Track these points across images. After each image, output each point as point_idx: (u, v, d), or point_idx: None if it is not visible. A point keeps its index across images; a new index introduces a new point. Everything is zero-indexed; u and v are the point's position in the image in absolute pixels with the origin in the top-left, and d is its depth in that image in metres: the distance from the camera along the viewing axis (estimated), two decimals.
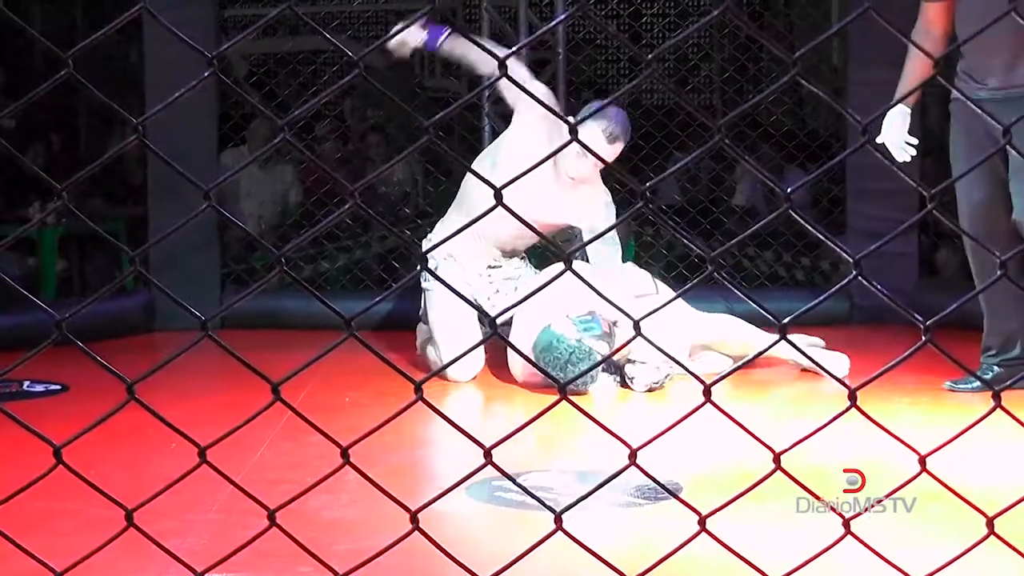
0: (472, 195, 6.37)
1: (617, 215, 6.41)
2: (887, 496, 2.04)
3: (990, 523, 1.89)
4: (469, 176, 6.47)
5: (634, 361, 5.97)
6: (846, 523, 1.89)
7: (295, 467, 4.50)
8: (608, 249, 6.25)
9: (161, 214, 7.66)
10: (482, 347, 6.31)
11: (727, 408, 1.90)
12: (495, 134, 7.99)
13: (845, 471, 5.05)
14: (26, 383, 6.05)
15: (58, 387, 6.04)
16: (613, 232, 6.32)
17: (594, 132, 6.07)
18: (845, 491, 4.72)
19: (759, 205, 9.84)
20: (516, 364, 6.09)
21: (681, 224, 8.14)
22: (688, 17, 10.09)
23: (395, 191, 9.67)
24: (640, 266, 6.73)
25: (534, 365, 1.91)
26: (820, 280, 8.54)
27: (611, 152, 6.14)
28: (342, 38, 10.51)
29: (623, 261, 6.44)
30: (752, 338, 6.30)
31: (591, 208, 6.31)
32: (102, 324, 6.99)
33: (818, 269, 8.59)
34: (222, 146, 8.19)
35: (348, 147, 9.73)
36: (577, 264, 6.24)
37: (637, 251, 8.13)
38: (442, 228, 6.57)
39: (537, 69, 8.38)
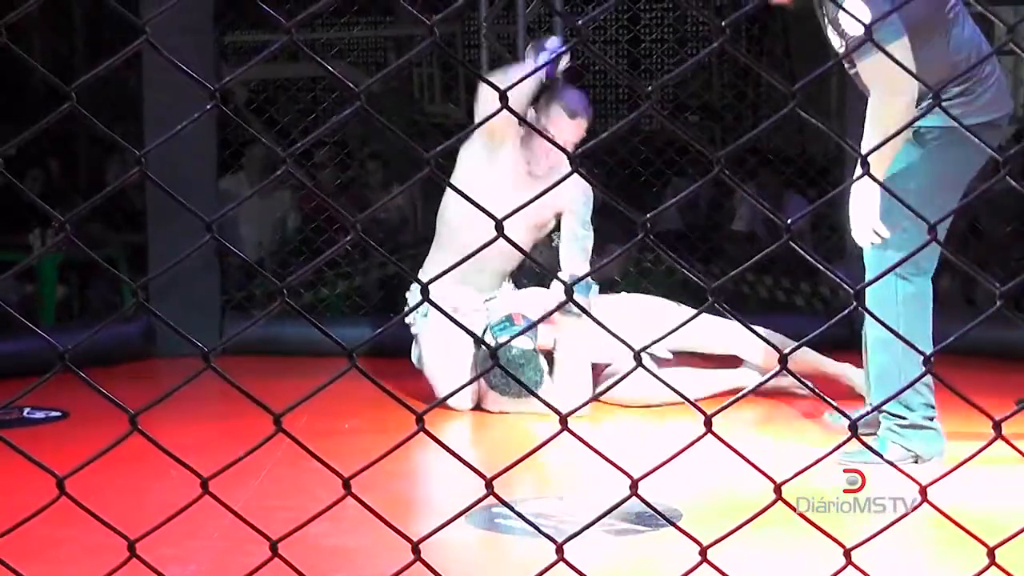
0: (460, 233, 6.29)
1: (617, 245, 6.44)
2: (883, 529, 2.03)
3: (991, 553, 1.89)
4: (449, 216, 6.44)
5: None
6: (847, 552, 1.90)
7: (295, 494, 4.50)
8: (582, 233, 6.30)
9: (161, 241, 7.66)
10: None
11: (723, 433, 1.91)
12: None
13: (845, 471, 5.07)
14: (26, 410, 6.05)
15: (58, 414, 6.05)
16: (588, 219, 6.36)
17: (556, 111, 6.18)
18: (845, 491, 4.77)
19: (759, 230, 9.85)
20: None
21: (680, 250, 8.14)
22: (686, 44, 10.12)
23: (394, 217, 9.68)
24: (641, 290, 6.74)
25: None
26: (819, 305, 8.54)
27: (575, 127, 6.22)
28: (341, 65, 10.56)
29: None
30: (733, 340, 6.33)
31: (570, 193, 6.27)
32: (102, 351, 6.99)
33: (817, 295, 8.60)
34: (221, 173, 8.20)
35: (347, 174, 9.74)
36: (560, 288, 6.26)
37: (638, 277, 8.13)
38: (429, 269, 6.39)
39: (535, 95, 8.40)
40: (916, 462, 4.95)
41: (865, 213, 4.89)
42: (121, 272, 8.87)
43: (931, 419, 5.09)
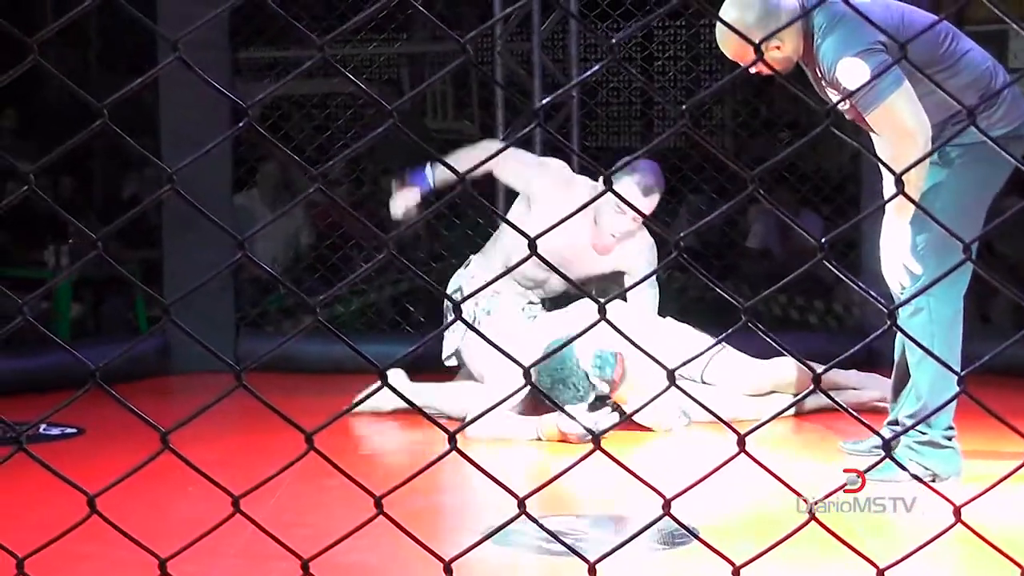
0: (507, 236, 6.47)
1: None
2: (917, 549, 2.02)
3: None
4: (505, 242, 6.56)
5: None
6: (880, 573, 1.89)
7: (313, 510, 4.49)
8: (648, 291, 6.40)
9: (176, 256, 7.68)
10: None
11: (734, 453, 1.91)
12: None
13: (845, 471, 5.06)
14: (42, 426, 6.05)
15: (74, 430, 6.05)
16: (654, 276, 6.42)
17: (628, 186, 6.19)
18: (846, 491, 4.76)
19: (773, 247, 9.85)
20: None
21: (699, 269, 8.12)
22: (701, 61, 10.10)
23: (407, 233, 9.67)
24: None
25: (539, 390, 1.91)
26: (833, 323, 8.53)
27: (647, 204, 6.26)
28: (358, 81, 10.54)
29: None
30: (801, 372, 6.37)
31: (632, 254, 6.38)
32: (117, 367, 6.98)
33: (831, 312, 8.59)
34: (236, 190, 8.22)
35: (363, 190, 9.74)
36: (612, 307, 6.26)
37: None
38: (480, 261, 6.67)
39: (552, 112, 8.41)
40: (933, 480, 4.93)
41: (896, 252, 4.90)
42: (135, 288, 8.87)
43: (950, 438, 5.08)
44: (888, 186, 5.30)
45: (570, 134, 8.36)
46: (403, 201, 6.45)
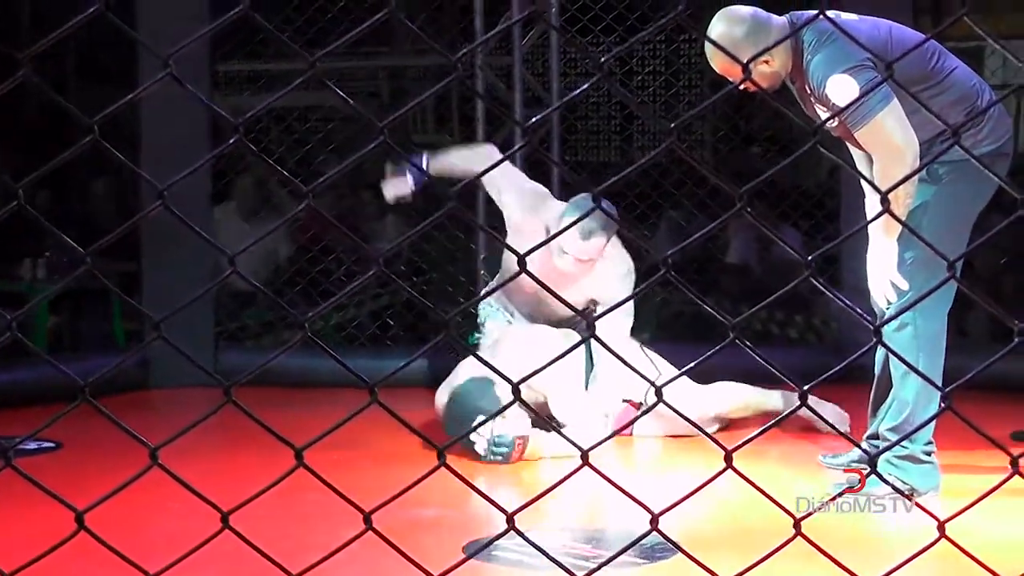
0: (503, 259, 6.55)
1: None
2: (902, 564, 2.03)
3: None
4: (509, 265, 6.56)
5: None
6: None
7: (295, 523, 4.49)
8: (620, 319, 6.26)
9: (155, 270, 7.67)
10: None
11: (716, 467, 1.92)
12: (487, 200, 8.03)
13: (845, 471, 5.07)
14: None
15: (51, 445, 6.03)
16: (628, 303, 6.23)
17: (568, 231, 5.95)
18: (846, 491, 4.78)
19: (752, 263, 9.86)
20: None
21: (688, 287, 8.13)
22: (681, 76, 10.13)
23: (385, 248, 9.66)
24: (634, 323, 6.74)
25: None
26: (813, 338, 8.55)
27: (588, 247, 6.10)
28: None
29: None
30: (758, 398, 6.40)
31: (606, 280, 6.28)
32: (96, 381, 6.96)
33: (810, 326, 8.60)
34: (214, 203, 8.21)
35: (343, 203, 9.74)
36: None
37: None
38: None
39: (515, 121, 8.41)
40: (911, 495, 4.95)
41: (884, 268, 4.92)
42: (113, 303, 8.84)
43: (929, 454, 5.10)
44: (872, 202, 5.31)
45: (551, 148, 8.36)
46: (395, 188, 6.48)
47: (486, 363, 1.86)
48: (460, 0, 9.04)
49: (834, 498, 4.91)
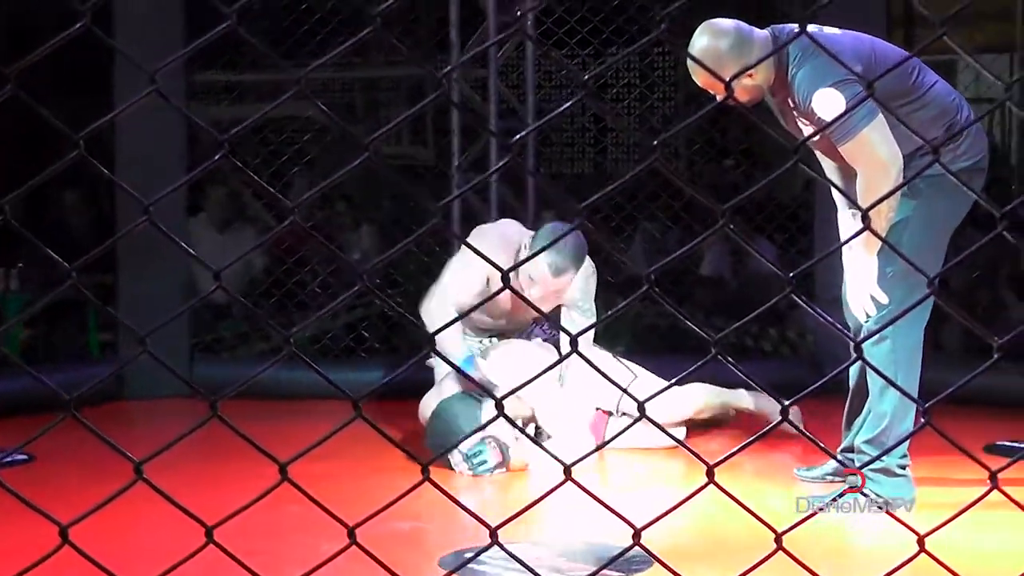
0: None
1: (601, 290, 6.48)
2: None
3: None
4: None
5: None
6: None
7: (268, 537, 4.48)
8: (582, 321, 6.26)
9: (131, 282, 7.66)
10: None
11: (695, 481, 1.93)
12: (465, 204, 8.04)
13: (845, 471, 5.09)
14: None
15: (24, 457, 5.99)
16: (591, 304, 6.33)
17: (540, 266, 5.99)
18: (845, 491, 4.81)
19: (726, 275, 9.88)
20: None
21: (670, 302, 8.14)
22: (655, 89, 10.15)
23: (362, 259, 9.67)
24: (610, 335, 6.76)
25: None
26: (787, 351, 8.56)
27: (558, 283, 6.09)
28: (310, 104, 10.53)
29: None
30: (726, 398, 6.45)
31: (570, 286, 6.30)
32: (83, 394, 6.93)
33: (785, 339, 8.61)
34: (190, 214, 8.21)
35: (318, 215, 9.73)
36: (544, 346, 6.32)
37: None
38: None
39: (507, 138, 8.41)
40: (885, 508, 4.97)
41: (864, 283, 4.94)
42: (88, 314, 8.82)
43: (904, 467, 5.13)
44: (845, 215, 5.33)
45: (526, 161, 8.38)
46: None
47: (471, 379, 1.87)
48: (436, 12, 9.02)
49: (835, 499, 4.94)
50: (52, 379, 2.07)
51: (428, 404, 6.10)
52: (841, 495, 4.96)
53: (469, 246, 1.93)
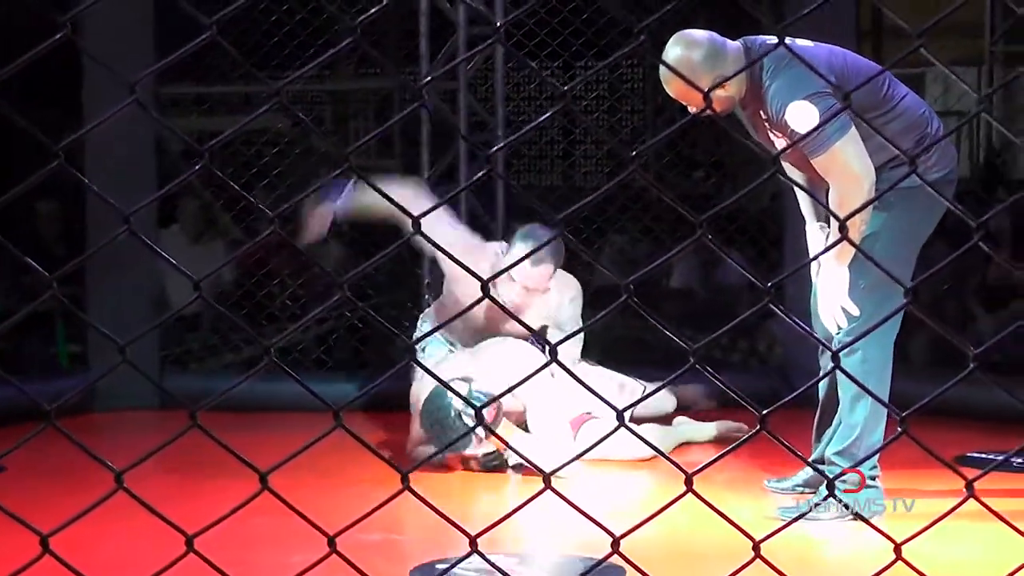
0: (452, 287, 6.51)
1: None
2: None
3: None
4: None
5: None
6: None
7: (240, 547, 4.47)
8: (569, 341, 6.28)
9: (100, 294, 7.64)
10: None
11: (670, 491, 1.94)
12: None
13: (845, 470, 5.11)
14: None
15: None
16: (577, 325, 6.39)
17: (519, 255, 6.00)
18: (845, 491, 4.84)
19: (695, 287, 9.90)
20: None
21: (651, 314, 8.16)
22: (625, 102, 10.18)
23: (333, 270, 9.65)
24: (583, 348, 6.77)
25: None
26: (755, 363, 8.58)
27: (536, 274, 6.15)
28: (279, 117, 10.51)
29: None
30: (687, 436, 6.53)
31: (557, 306, 6.35)
32: (63, 405, 6.92)
33: (755, 351, 8.63)
34: (161, 226, 8.20)
35: (286, 227, 9.71)
36: (528, 354, 6.33)
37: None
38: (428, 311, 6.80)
39: (476, 150, 8.41)
40: (855, 518, 4.98)
41: (835, 295, 4.95)
42: (57, 325, 8.79)
43: (875, 478, 5.15)
44: (813, 228, 5.34)
45: (503, 173, 8.39)
46: (317, 224, 6.24)
47: (442, 383, 1.87)
48: (405, 23, 9.02)
49: (814, 507, 4.97)
50: (18, 391, 2.07)
51: (420, 391, 6.09)
52: (817, 505, 4.98)
53: (455, 260, 1.93)
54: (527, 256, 2.57)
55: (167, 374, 7.86)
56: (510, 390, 2.11)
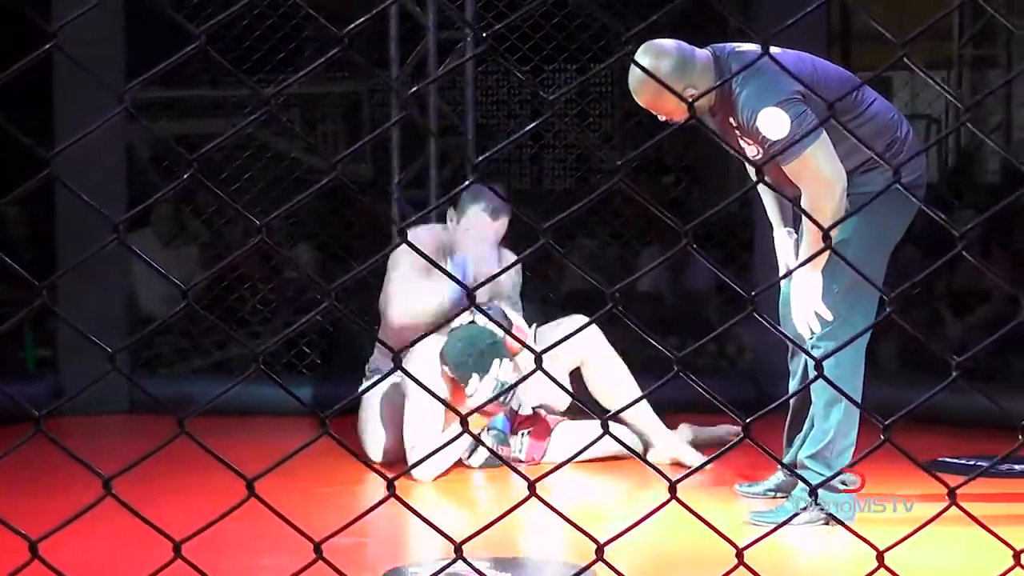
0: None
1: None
2: None
3: None
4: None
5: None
6: None
7: (215, 552, 4.46)
8: (513, 312, 6.36)
9: (71, 300, 7.62)
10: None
11: (650, 499, 1.96)
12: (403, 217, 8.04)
13: (844, 471, 5.13)
14: None
15: None
16: (518, 297, 6.64)
17: (477, 214, 6.43)
18: (845, 491, 4.86)
19: (664, 291, 9.92)
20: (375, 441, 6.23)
21: (590, 311, 8.19)
22: (595, 106, 10.20)
23: (304, 274, 9.64)
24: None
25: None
26: (725, 366, 8.60)
27: (498, 226, 6.48)
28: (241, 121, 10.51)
29: None
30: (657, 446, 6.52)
31: (506, 282, 6.54)
32: (6, 409, 6.88)
33: (724, 355, 8.66)
34: (131, 229, 8.17)
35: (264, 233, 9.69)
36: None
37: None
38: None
39: (447, 155, 8.43)
40: (827, 524, 4.99)
41: (808, 300, 4.95)
42: (26, 331, 8.77)
43: (846, 483, 5.17)
44: (781, 233, 5.35)
45: (466, 176, 8.40)
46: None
47: (431, 393, 1.87)
48: (374, 26, 9.01)
49: (796, 515, 4.99)
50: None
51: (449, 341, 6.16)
52: (797, 515, 4.99)
53: (438, 267, 1.93)
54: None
55: (136, 378, 7.85)
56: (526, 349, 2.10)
